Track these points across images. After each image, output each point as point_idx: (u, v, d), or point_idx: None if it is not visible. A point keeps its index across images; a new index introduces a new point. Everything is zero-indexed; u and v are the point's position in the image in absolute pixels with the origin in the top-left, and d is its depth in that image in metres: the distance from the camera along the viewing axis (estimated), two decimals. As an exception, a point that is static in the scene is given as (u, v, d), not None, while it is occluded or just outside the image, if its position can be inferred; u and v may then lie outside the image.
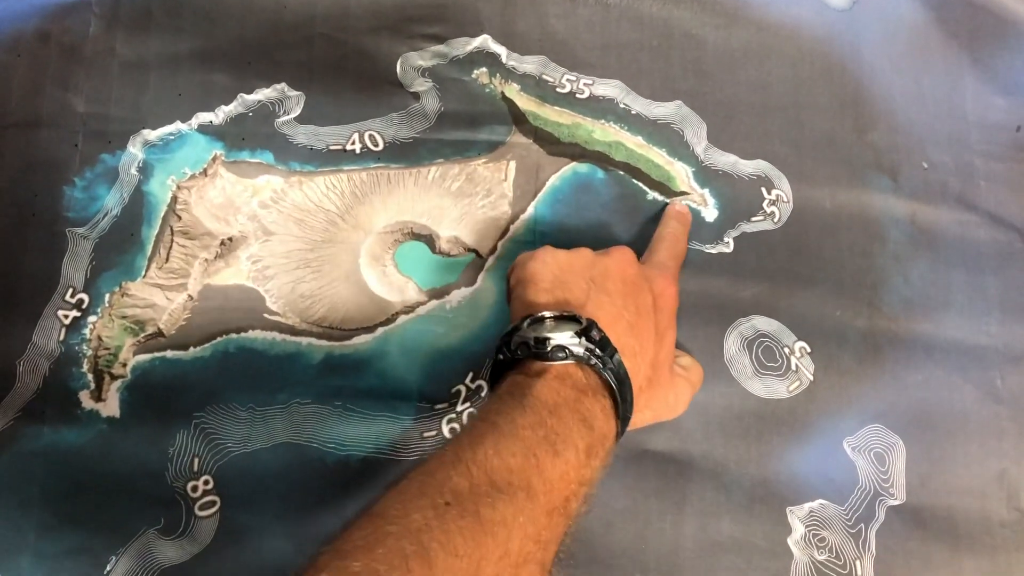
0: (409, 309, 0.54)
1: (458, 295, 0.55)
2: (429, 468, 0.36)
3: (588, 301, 0.43)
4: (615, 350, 0.41)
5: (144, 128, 0.55)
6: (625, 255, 0.46)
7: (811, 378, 0.54)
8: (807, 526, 0.53)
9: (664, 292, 0.47)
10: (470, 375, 0.53)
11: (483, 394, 0.53)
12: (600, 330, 0.41)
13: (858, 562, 0.52)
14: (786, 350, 0.55)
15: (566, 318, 0.41)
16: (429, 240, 0.55)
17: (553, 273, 0.45)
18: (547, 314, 0.42)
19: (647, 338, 0.44)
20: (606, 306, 0.43)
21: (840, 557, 0.52)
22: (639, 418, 0.46)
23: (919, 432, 0.54)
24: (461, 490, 0.34)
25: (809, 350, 0.55)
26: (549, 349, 0.40)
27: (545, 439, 0.37)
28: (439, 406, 0.53)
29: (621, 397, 0.41)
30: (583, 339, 0.40)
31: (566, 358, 0.40)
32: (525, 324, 0.42)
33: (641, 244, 0.55)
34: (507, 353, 0.42)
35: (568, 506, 0.37)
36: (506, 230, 0.55)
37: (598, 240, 0.55)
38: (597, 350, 0.40)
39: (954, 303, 0.56)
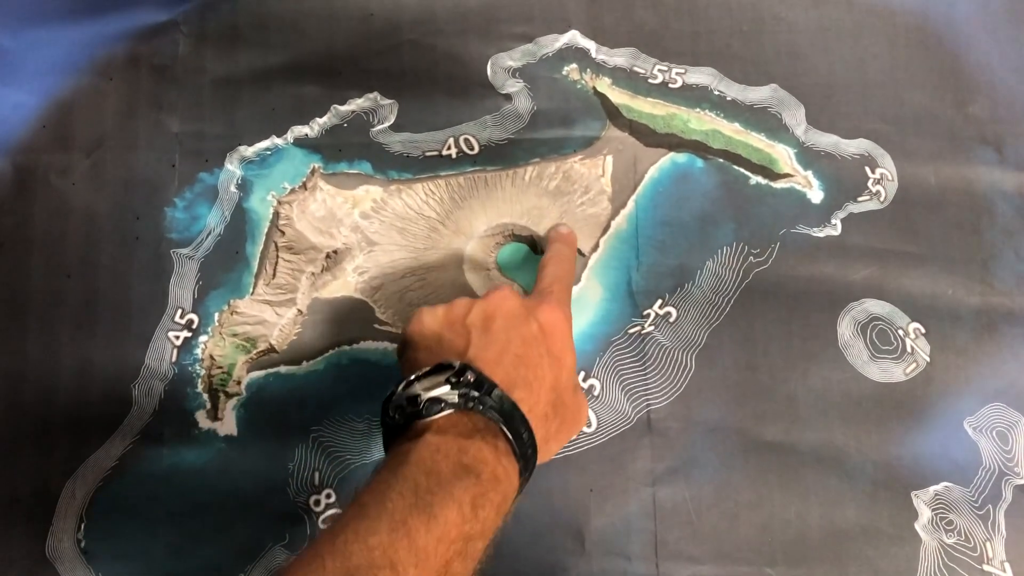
0: (516, 312, 0.54)
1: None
2: (287, 569, 0.35)
3: (469, 347, 0.42)
4: (493, 385, 0.40)
5: (240, 144, 0.55)
6: (503, 293, 0.45)
7: (928, 359, 0.54)
8: (933, 509, 0.52)
9: (550, 318, 0.45)
10: (582, 374, 0.53)
11: (595, 393, 0.53)
12: (476, 370, 0.40)
13: (988, 544, 0.51)
14: (900, 332, 0.54)
15: (439, 369, 0.40)
16: (530, 241, 0.55)
17: (431, 330, 0.44)
18: (418, 372, 0.40)
19: (541, 365, 0.43)
20: (489, 347, 0.42)
21: (970, 539, 0.52)
22: (556, 442, 0.45)
23: (1041, 409, 0.54)
24: None
25: (924, 331, 0.54)
26: (422, 407, 0.39)
27: (416, 505, 0.35)
28: (553, 407, 0.52)
29: (513, 432, 0.40)
30: (457, 385, 0.39)
31: (443, 409, 0.39)
32: (400, 388, 0.40)
33: (747, 231, 0.55)
34: (389, 421, 0.41)
35: (451, 568, 0.35)
36: (607, 227, 0.55)
37: (704, 230, 0.55)
38: (473, 392, 0.39)
39: (1069, 275, 0.55)
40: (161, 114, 0.56)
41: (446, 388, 0.39)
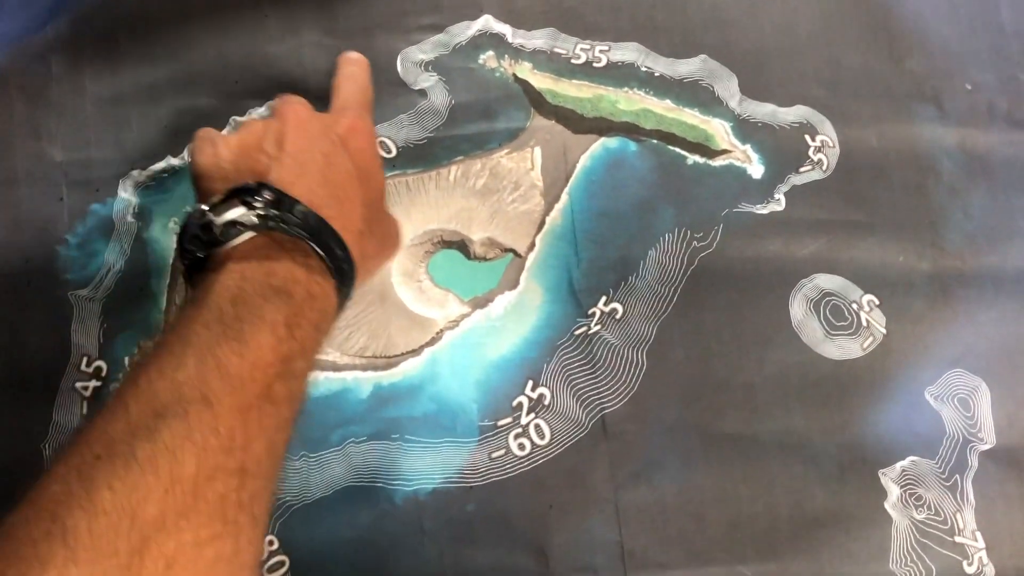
0: (453, 324, 0.50)
1: (502, 300, 0.51)
2: (88, 422, 0.31)
3: (269, 169, 0.38)
4: (295, 201, 0.36)
5: (132, 169, 0.51)
6: (296, 108, 0.41)
7: (884, 332, 0.52)
8: (902, 486, 0.50)
9: (353, 129, 0.42)
10: (529, 383, 0.50)
11: (546, 402, 0.50)
12: (273, 188, 0.36)
13: (958, 515, 0.50)
14: (854, 306, 0.52)
15: (234, 194, 0.36)
16: (462, 246, 0.51)
17: (226, 159, 0.40)
18: (212, 200, 0.37)
19: (349, 181, 0.40)
20: (290, 167, 0.38)
21: (940, 513, 0.50)
22: (374, 262, 0.44)
23: (1001, 371, 0.52)
24: (115, 435, 0.29)
25: (878, 302, 0.52)
26: (219, 232, 0.35)
27: (225, 333, 0.33)
28: (503, 422, 0.49)
29: (324, 248, 0.37)
30: (253, 205, 0.36)
31: (241, 232, 0.35)
32: (193, 218, 0.37)
33: (688, 214, 0.52)
34: (188, 256, 0.37)
35: (272, 392, 0.33)
36: (542, 223, 0.51)
37: (643, 218, 0.52)
38: (272, 210, 0.36)
39: (1018, 230, 0.54)
40: (41, 143, 0.51)
41: (242, 210, 0.36)
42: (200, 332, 0.32)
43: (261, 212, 0.36)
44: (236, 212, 0.36)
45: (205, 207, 0.36)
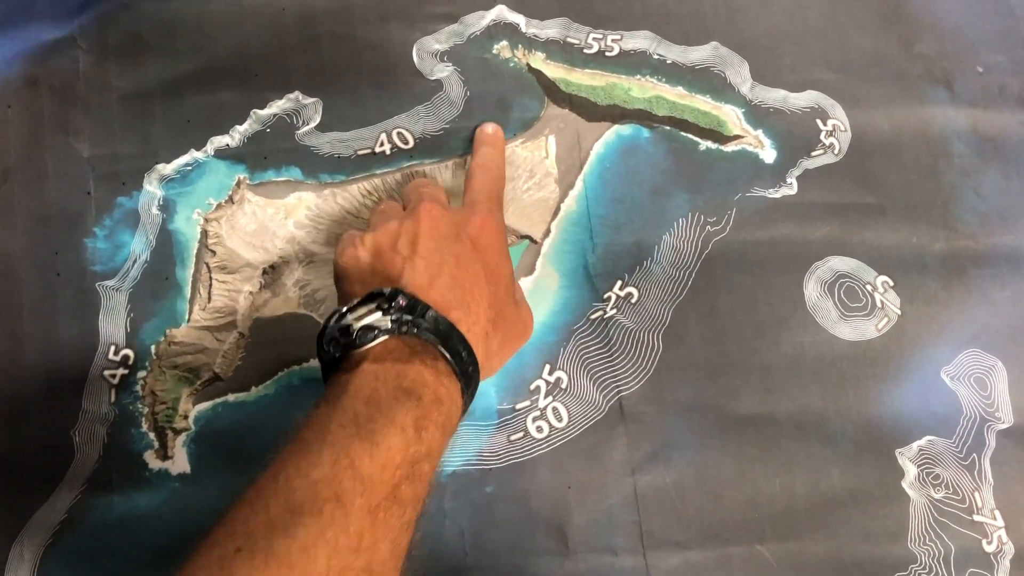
0: (471, 309, 0.51)
1: (519, 286, 0.52)
2: (228, 512, 0.33)
3: (403, 272, 0.41)
4: (427, 307, 0.39)
5: (157, 163, 0.52)
6: (430, 209, 0.43)
7: (898, 312, 0.52)
8: (919, 465, 0.50)
9: (482, 229, 0.44)
10: (547, 368, 0.51)
11: (563, 385, 0.50)
12: (406, 294, 0.39)
13: (977, 493, 0.50)
14: (868, 287, 0.52)
15: (370, 298, 0.39)
16: (479, 233, 0.52)
17: (363, 261, 0.43)
18: (349, 304, 0.39)
19: (477, 282, 0.42)
20: (421, 269, 0.41)
21: (958, 492, 0.50)
22: (500, 358, 0.45)
23: (1017, 350, 0.52)
24: (255, 529, 0.32)
25: (892, 283, 0.52)
26: (355, 336, 0.38)
27: (358, 434, 0.35)
28: (521, 406, 0.50)
29: (451, 351, 0.39)
30: (388, 311, 0.38)
31: (377, 336, 0.38)
32: (332, 320, 0.39)
33: (702, 199, 0.53)
34: (325, 355, 0.40)
35: (399, 492, 0.34)
36: (557, 210, 0.52)
37: (657, 203, 0.52)
38: (405, 315, 0.38)
39: (1032, 209, 0.54)
40: (69, 138, 0.52)
41: (378, 315, 0.38)
42: (336, 431, 0.35)
43: (395, 317, 0.38)
44: (372, 317, 0.38)
45: (344, 309, 0.39)
